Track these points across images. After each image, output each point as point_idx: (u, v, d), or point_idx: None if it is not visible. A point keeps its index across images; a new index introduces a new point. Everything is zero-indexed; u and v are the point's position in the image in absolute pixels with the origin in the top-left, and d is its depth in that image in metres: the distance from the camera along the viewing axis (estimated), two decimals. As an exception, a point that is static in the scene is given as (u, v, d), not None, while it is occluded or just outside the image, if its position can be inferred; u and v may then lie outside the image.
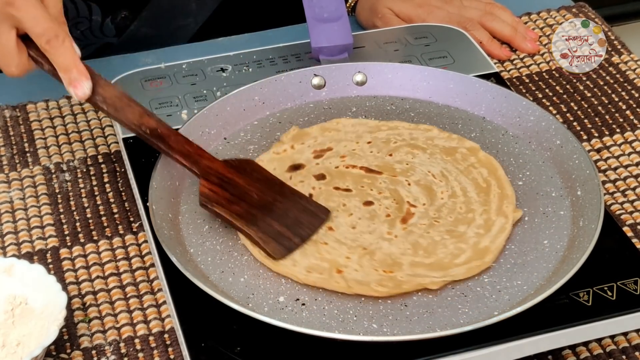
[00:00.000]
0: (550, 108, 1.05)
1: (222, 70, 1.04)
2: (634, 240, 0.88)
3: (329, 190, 0.88)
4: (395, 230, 0.84)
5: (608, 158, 0.99)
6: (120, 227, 0.92)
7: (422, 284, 0.79)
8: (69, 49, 0.85)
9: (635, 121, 1.03)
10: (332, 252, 0.82)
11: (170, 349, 0.81)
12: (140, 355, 0.81)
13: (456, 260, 0.81)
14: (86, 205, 0.94)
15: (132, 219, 0.92)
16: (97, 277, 0.87)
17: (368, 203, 0.87)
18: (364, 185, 0.88)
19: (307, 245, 0.83)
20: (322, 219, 0.85)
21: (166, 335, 0.82)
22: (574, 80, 1.09)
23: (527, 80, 1.09)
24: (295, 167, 0.91)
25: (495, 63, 1.10)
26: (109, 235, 0.91)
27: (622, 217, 0.92)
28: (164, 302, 0.85)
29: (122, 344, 0.82)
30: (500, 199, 0.87)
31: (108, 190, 0.96)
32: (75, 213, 0.93)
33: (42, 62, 0.87)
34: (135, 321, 0.83)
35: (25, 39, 0.86)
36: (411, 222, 0.85)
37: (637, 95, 1.07)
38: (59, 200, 0.95)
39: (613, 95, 1.07)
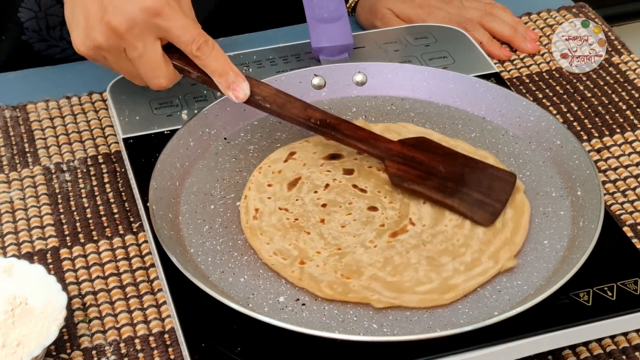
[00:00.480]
0: (551, 108, 1.05)
1: (222, 70, 1.04)
2: (634, 241, 0.88)
3: (347, 186, 0.88)
4: (378, 241, 0.83)
5: (608, 158, 0.99)
6: (120, 227, 0.92)
7: (368, 299, 0.78)
8: (220, 53, 0.85)
9: (636, 121, 1.03)
10: (308, 243, 0.82)
11: (170, 349, 0.81)
12: (141, 355, 0.81)
13: (417, 287, 0.79)
14: (86, 205, 0.94)
15: (132, 219, 0.92)
16: (97, 277, 0.87)
17: (373, 208, 0.86)
18: (381, 191, 0.87)
19: (291, 229, 0.83)
20: (512, 183, 0.86)
21: (166, 336, 0.82)
22: (574, 81, 1.09)
23: (527, 81, 1.09)
24: (333, 156, 0.91)
25: (495, 63, 1.10)
26: (109, 235, 0.91)
27: (622, 217, 0.92)
28: (164, 302, 0.85)
29: (122, 344, 0.82)
30: (504, 243, 0.82)
31: (108, 190, 0.96)
32: (75, 213, 0.93)
33: (189, 70, 0.87)
34: (135, 321, 0.83)
35: (165, 49, 0.86)
36: (399, 238, 0.83)
37: (637, 95, 1.07)
38: (59, 201, 0.95)
39: (613, 96, 1.07)
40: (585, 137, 1.02)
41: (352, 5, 1.20)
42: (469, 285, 0.79)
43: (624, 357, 0.81)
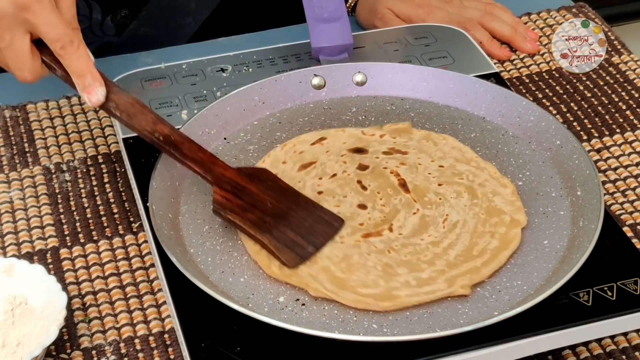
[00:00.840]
0: (550, 108, 1.05)
1: (222, 70, 1.04)
2: (634, 241, 0.88)
3: (352, 180, 0.88)
4: (348, 238, 0.83)
5: (608, 158, 0.99)
6: (120, 227, 0.92)
7: (307, 286, 0.79)
8: (84, 55, 0.86)
9: (635, 121, 1.03)
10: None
11: (170, 349, 0.81)
12: (140, 355, 0.81)
13: (360, 289, 0.79)
14: (86, 205, 0.94)
15: (132, 219, 0.92)
16: (97, 277, 0.87)
17: (362, 206, 0.86)
18: (381, 192, 0.87)
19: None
20: (336, 228, 0.84)
21: (166, 336, 0.82)
22: (574, 81, 1.09)
23: (527, 81, 1.09)
24: (358, 150, 0.92)
25: (495, 63, 1.10)
26: (109, 235, 0.91)
27: (622, 217, 0.92)
28: (164, 302, 0.85)
29: (122, 344, 0.82)
30: (469, 271, 0.80)
31: (108, 190, 0.96)
32: (75, 213, 0.93)
33: (55, 68, 0.87)
34: (135, 321, 0.83)
35: (38, 44, 0.86)
36: (370, 240, 0.83)
37: (637, 95, 1.07)
38: (59, 201, 0.95)
39: (613, 96, 1.07)
40: (585, 137, 1.02)
41: (352, 5, 1.20)
42: (410, 300, 0.78)
43: (624, 357, 0.81)
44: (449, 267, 0.81)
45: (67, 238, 0.91)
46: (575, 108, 1.05)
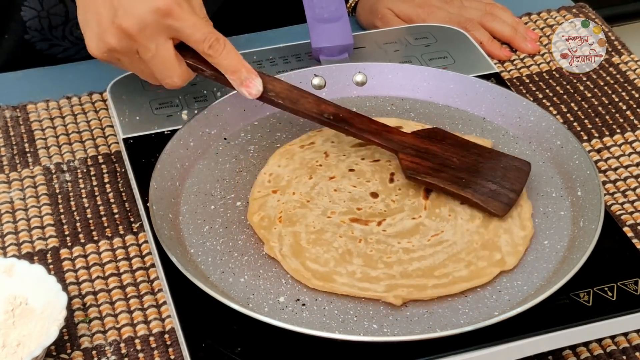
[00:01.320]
0: (551, 108, 1.05)
1: (223, 70, 1.04)
2: (634, 241, 0.88)
3: (386, 171, 0.88)
4: (335, 216, 0.84)
5: (608, 158, 0.99)
6: (120, 227, 0.92)
7: (265, 238, 0.82)
8: (232, 50, 0.86)
9: (636, 121, 1.03)
10: (296, 186, 0.87)
11: (170, 349, 0.81)
12: (141, 355, 0.81)
13: (307, 257, 0.81)
14: (86, 205, 0.94)
15: (132, 220, 0.92)
16: (98, 277, 0.87)
17: (374, 194, 0.86)
18: (402, 189, 0.87)
19: (303, 169, 0.85)
20: (526, 172, 0.86)
21: (166, 336, 0.82)
22: (574, 81, 1.09)
23: (527, 81, 1.09)
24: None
25: (495, 63, 1.10)
26: (110, 235, 0.91)
27: (623, 217, 0.92)
28: (164, 303, 0.85)
29: (122, 345, 0.82)
30: (413, 286, 0.79)
31: (108, 190, 0.96)
32: (75, 213, 0.93)
33: (202, 69, 0.87)
34: (135, 321, 0.83)
35: (178, 48, 0.86)
36: (352, 224, 0.83)
37: (637, 95, 1.07)
38: (60, 201, 0.95)
39: (613, 96, 1.07)
40: (585, 138, 1.02)
41: (352, 5, 1.20)
42: (341, 289, 0.78)
43: (624, 357, 0.81)
44: (401, 275, 0.80)
45: (68, 238, 0.91)
46: (576, 108, 1.05)
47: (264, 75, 0.88)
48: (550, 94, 1.07)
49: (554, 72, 1.10)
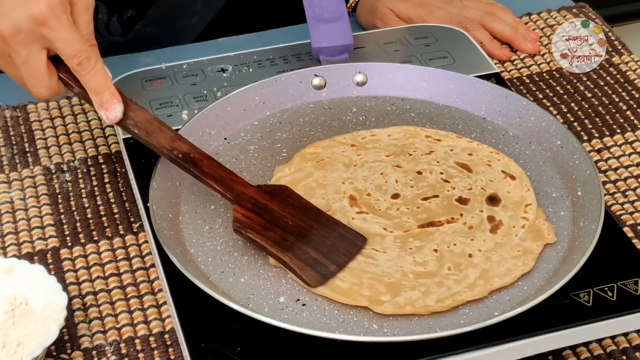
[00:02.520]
0: (551, 108, 1.05)
1: (223, 70, 1.04)
2: (635, 241, 0.88)
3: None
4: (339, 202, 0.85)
5: (608, 158, 0.99)
6: (120, 227, 0.92)
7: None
8: (101, 71, 0.85)
9: (636, 121, 1.03)
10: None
11: (170, 350, 0.81)
12: (141, 355, 0.81)
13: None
14: (87, 205, 0.94)
15: (132, 220, 0.92)
16: (98, 277, 0.87)
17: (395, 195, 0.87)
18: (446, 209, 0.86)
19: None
20: (359, 246, 0.83)
21: (167, 336, 0.82)
22: (575, 81, 1.09)
23: (527, 81, 1.09)
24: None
25: (495, 63, 1.10)
26: (110, 235, 0.91)
27: (623, 217, 0.92)
28: (165, 303, 0.85)
29: (122, 345, 0.82)
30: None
31: (108, 190, 0.96)
32: (75, 213, 0.93)
33: (72, 85, 0.86)
34: (135, 321, 0.83)
35: (55, 61, 0.85)
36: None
37: (637, 95, 1.07)
38: (60, 201, 0.95)
39: (613, 96, 1.07)
40: (585, 138, 1.02)
41: (352, 5, 1.20)
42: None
43: (624, 357, 0.81)
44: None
45: (68, 238, 0.91)
46: (576, 108, 1.05)
47: (130, 103, 0.87)
48: (551, 94, 1.07)
49: (554, 72, 1.10)
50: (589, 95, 1.07)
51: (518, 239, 0.83)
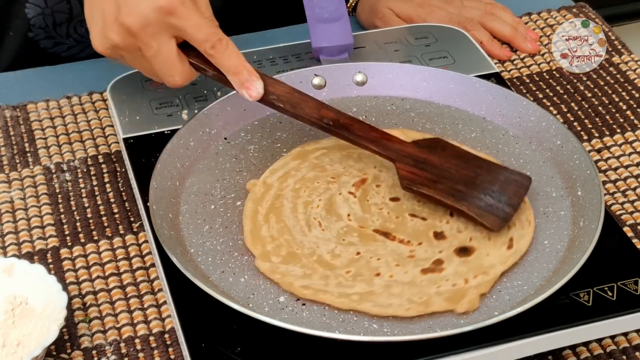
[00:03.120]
0: (551, 108, 1.05)
1: (223, 70, 1.04)
2: (635, 241, 0.88)
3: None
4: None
5: (608, 158, 0.99)
6: (120, 227, 0.92)
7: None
8: (235, 51, 0.85)
9: (636, 121, 1.03)
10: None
11: (170, 349, 0.81)
12: (141, 355, 0.81)
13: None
14: (87, 205, 0.94)
15: (132, 219, 0.92)
16: (98, 277, 0.87)
17: (394, 199, 0.86)
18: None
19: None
20: (526, 186, 0.85)
21: (167, 336, 0.82)
22: (575, 81, 1.09)
23: (527, 81, 1.09)
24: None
25: (495, 63, 1.10)
26: (110, 235, 0.91)
27: (623, 217, 0.92)
28: (165, 302, 0.85)
29: (122, 344, 0.82)
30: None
31: (108, 190, 0.96)
32: (75, 213, 0.93)
33: (205, 69, 0.87)
34: (135, 321, 0.83)
35: (182, 47, 0.86)
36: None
37: (637, 95, 1.07)
38: (60, 200, 0.95)
39: (613, 96, 1.07)
40: (585, 137, 1.02)
41: (353, 5, 1.20)
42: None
43: (624, 357, 0.81)
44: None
45: (68, 238, 0.91)
46: (576, 108, 1.05)
47: (265, 77, 0.87)
48: (551, 94, 1.07)
49: (554, 72, 1.10)
50: (589, 95, 1.07)
51: (434, 289, 0.78)
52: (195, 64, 0.87)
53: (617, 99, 1.06)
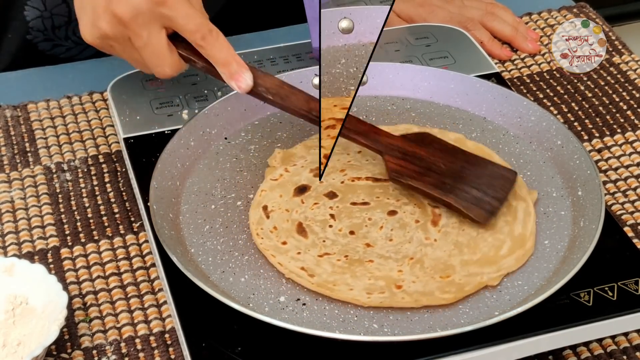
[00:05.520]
0: (551, 108, 1.05)
1: (223, 70, 1.04)
2: (635, 241, 0.88)
3: (348, 207, 0.86)
4: (431, 234, 0.83)
5: (609, 158, 0.99)
6: (121, 226, 0.92)
7: (483, 282, 0.79)
8: (225, 43, 0.85)
9: (636, 121, 1.03)
10: (382, 269, 0.80)
11: (171, 349, 0.81)
12: (141, 355, 0.81)
13: (500, 252, 0.81)
14: (87, 205, 0.94)
15: (132, 219, 0.92)
16: (98, 276, 0.87)
17: (392, 212, 0.85)
18: (379, 196, 0.87)
19: (354, 266, 0.80)
20: (512, 180, 0.86)
21: (167, 335, 0.82)
22: (575, 80, 1.09)
23: (527, 80, 1.09)
24: (301, 190, 0.88)
25: (496, 63, 1.10)
26: (110, 235, 0.91)
27: (623, 217, 0.92)
28: (165, 302, 0.85)
29: (122, 344, 0.82)
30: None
31: (109, 190, 0.96)
32: (76, 213, 0.93)
33: (194, 60, 0.87)
34: (136, 321, 0.83)
35: (172, 39, 0.86)
36: (442, 224, 0.84)
37: (637, 95, 1.07)
38: (60, 200, 0.95)
39: (614, 95, 1.07)
40: (586, 137, 1.02)
41: (353, 5, 1.20)
42: (531, 229, 0.82)
43: (624, 357, 0.81)
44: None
45: (68, 238, 0.91)
46: (576, 108, 1.05)
47: (255, 70, 0.87)
48: (551, 94, 1.07)
49: (554, 72, 1.10)
50: (590, 95, 1.07)
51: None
52: (185, 55, 0.87)
53: (617, 99, 1.06)
